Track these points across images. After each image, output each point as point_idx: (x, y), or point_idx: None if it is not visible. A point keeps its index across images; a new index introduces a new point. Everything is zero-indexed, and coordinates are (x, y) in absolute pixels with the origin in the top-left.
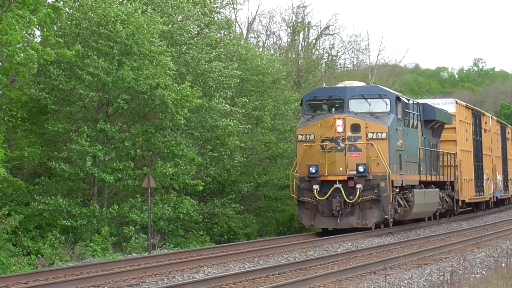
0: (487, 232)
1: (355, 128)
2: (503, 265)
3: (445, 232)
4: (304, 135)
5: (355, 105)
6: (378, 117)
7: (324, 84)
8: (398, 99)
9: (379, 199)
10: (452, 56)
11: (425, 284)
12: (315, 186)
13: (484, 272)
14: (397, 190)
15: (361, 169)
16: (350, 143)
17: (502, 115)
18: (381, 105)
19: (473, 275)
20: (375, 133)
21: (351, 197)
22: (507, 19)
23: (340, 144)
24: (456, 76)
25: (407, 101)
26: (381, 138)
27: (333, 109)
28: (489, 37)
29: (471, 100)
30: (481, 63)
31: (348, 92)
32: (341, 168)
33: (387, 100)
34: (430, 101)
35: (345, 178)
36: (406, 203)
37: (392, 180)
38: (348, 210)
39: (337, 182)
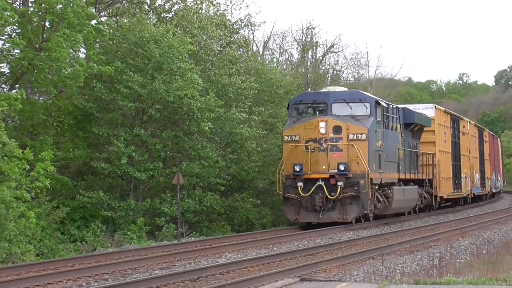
0: (470, 223)
1: (337, 129)
2: (484, 251)
3: (434, 223)
4: (289, 136)
5: (338, 109)
6: (359, 119)
7: (309, 89)
8: (377, 103)
9: (359, 196)
10: (440, 70)
11: (417, 267)
12: (299, 184)
13: (468, 258)
14: (376, 187)
15: (342, 167)
16: (332, 143)
17: (484, 122)
18: (362, 109)
19: (458, 260)
20: (355, 135)
21: (332, 193)
22: (488, 39)
23: (323, 144)
24: (444, 88)
25: (386, 105)
26: (361, 139)
27: (317, 112)
28: (472, 54)
29: (456, 109)
30: (465, 77)
31: (331, 96)
32: (323, 167)
33: (367, 104)
34: (411, 106)
35: (327, 176)
36: (385, 199)
37: (371, 178)
38: (329, 205)
39: (320, 180)
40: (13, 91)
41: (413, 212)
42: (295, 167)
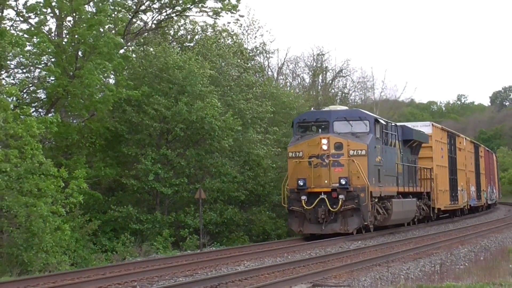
0: (468, 232)
1: (338, 146)
2: (482, 258)
3: (435, 233)
4: (294, 152)
5: (339, 126)
6: (359, 136)
7: (312, 109)
8: (376, 121)
9: (359, 208)
10: (440, 92)
11: (420, 273)
12: (303, 197)
13: (466, 264)
14: (376, 200)
15: (343, 182)
16: (333, 159)
17: (481, 139)
18: (361, 126)
19: (458, 266)
20: (355, 151)
21: (334, 206)
22: (483, 62)
23: (325, 160)
24: (444, 108)
25: (385, 123)
26: (361, 155)
27: (320, 129)
28: (469, 76)
29: (455, 128)
30: (463, 98)
31: (332, 115)
32: (325, 181)
33: (367, 122)
34: (409, 124)
35: (329, 189)
36: (385, 211)
37: (371, 192)
38: (332, 217)
39: (322, 193)
40: (49, 115)
41: (412, 223)
42: (299, 181)
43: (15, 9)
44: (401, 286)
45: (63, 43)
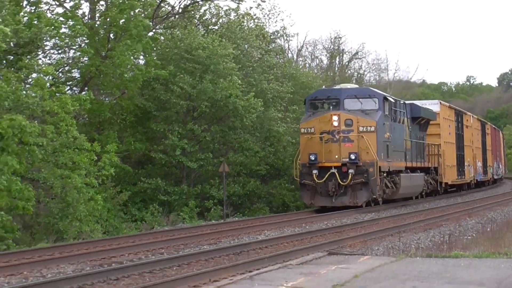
0: (476, 205)
1: (348, 123)
2: (488, 229)
3: (444, 205)
4: (306, 129)
5: (349, 104)
6: (368, 113)
7: (323, 87)
8: (385, 98)
9: (368, 182)
10: (451, 73)
11: (430, 243)
12: (315, 171)
13: (474, 235)
14: (385, 174)
15: (352, 157)
16: (344, 135)
17: (488, 118)
18: (371, 104)
19: (466, 237)
20: (365, 127)
21: (344, 180)
22: (491, 44)
23: (336, 136)
24: (454, 89)
25: (393, 101)
26: (370, 131)
27: (331, 107)
28: (478, 58)
29: (464, 107)
30: (472, 79)
31: (343, 93)
32: (336, 156)
33: (376, 100)
34: (418, 102)
35: (339, 164)
36: (393, 185)
37: (379, 166)
38: (341, 191)
39: (333, 168)
40: (83, 93)
41: (420, 197)
42: (311, 156)
43: None
44: (412, 254)
45: (96, 25)
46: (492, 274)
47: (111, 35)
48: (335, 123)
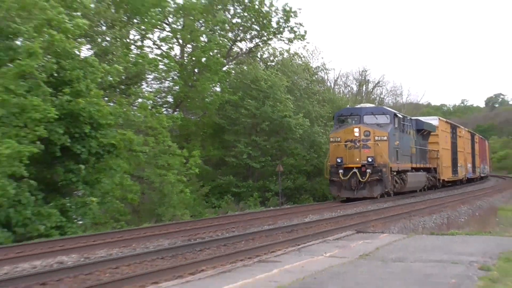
0: (467, 196)
1: (367, 134)
2: (477, 214)
3: (444, 196)
4: (334, 138)
5: (367, 119)
6: (382, 126)
7: (348, 106)
8: (395, 115)
9: (382, 179)
10: (449, 96)
11: (433, 224)
12: (340, 171)
13: (466, 218)
14: (395, 173)
15: (370, 160)
16: (363, 143)
17: (477, 131)
18: (384, 119)
19: (460, 220)
20: (379, 137)
21: (363, 177)
22: (481, 74)
23: (357, 143)
24: (451, 109)
25: (402, 117)
26: (383, 140)
27: (353, 121)
28: (470, 84)
29: (459, 123)
30: (465, 101)
31: (363, 110)
32: (357, 159)
33: (388, 116)
34: (422, 118)
35: (360, 165)
36: (402, 181)
37: (390, 167)
38: (361, 186)
39: (354, 168)
40: (175, 113)
41: (423, 190)
42: (338, 159)
43: (152, 40)
44: (419, 233)
45: (184, 63)
46: (479, 247)
47: (196, 69)
48: (356, 134)
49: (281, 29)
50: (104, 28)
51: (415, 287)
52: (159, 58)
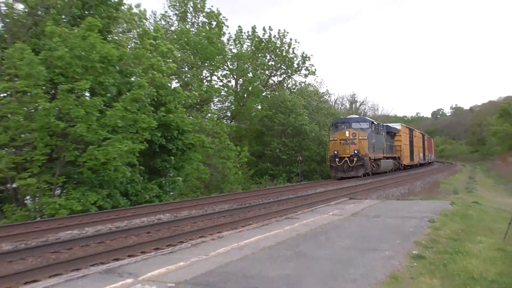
0: (420, 175)
1: (354, 135)
2: (427, 186)
3: (406, 175)
4: (332, 138)
5: (354, 125)
6: (364, 130)
7: (341, 116)
8: (372, 122)
9: (364, 164)
10: (408, 109)
11: (398, 194)
12: (337, 159)
13: (419, 189)
14: (372, 160)
15: (356, 152)
16: (351, 141)
17: (426, 132)
18: (365, 125)
19: (416, 190)
20: (362, 137)
21: (351, 163)
22: (429, 90)
23: (347, 141)
24: (410, 118)
25: (377, 124)
26: (364, 139)
27: (345, 127)
28: (422, 99)
29: (414, 127)
30: (417, 114)
31: (351, 120)
32: (347, 152)
33: (368, 123)
34: (390, 124)
35: (349, 155)
36: (377, 166)
37: (369, 156)
38: (350, 169)
39: (346, 157)
40: (231, 122)
41: (391, 172)
42: (335, 152)
43: (217, 76)
44: (390, 199)
45: (238, 90)
46: (428, 207)
47: (245, 95)
48: (347, 135)
49: (299, 68)
50: (186, 69)
51: (387, 232)
52: (221, 88)
